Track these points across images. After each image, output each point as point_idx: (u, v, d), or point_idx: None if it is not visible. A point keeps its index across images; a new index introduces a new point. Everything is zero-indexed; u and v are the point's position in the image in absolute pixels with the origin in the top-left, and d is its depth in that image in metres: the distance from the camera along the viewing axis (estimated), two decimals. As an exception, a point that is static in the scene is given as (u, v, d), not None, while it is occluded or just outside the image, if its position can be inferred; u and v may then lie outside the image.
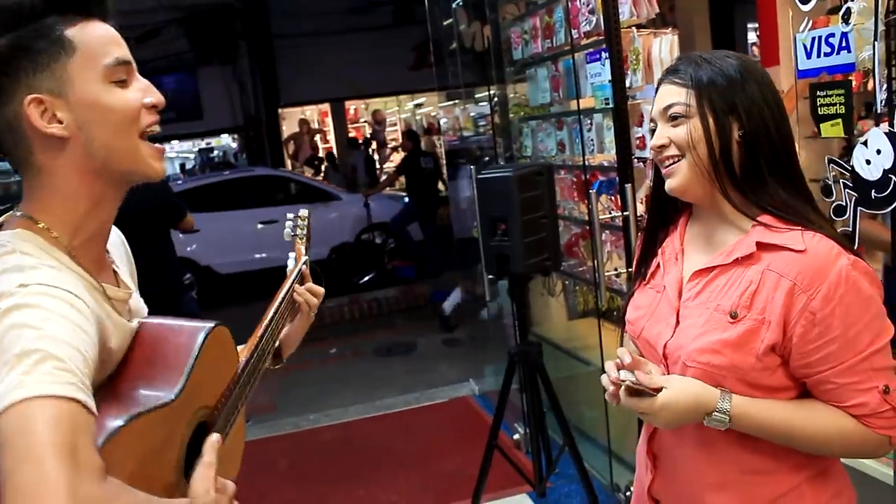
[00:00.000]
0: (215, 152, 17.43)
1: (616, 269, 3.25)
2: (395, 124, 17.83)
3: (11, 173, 1.12)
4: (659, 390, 1.34)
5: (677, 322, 1.43)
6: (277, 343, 1.56)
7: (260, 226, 9.44)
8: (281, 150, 14.38)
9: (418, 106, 18.26)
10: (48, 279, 0.97)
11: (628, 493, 3.33)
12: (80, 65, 1.06)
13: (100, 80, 1.07)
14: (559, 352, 4.17)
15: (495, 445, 3.22)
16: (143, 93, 1.12)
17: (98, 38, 1.08)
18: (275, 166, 12.97)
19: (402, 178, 9.78)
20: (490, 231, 3.03)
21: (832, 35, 2.06)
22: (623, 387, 1.36)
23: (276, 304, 1.53)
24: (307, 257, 1.76)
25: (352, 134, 16.98)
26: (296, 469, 4.43)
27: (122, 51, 1.11)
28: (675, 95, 1.39)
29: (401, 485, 4.05)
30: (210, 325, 1.16)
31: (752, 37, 5.71)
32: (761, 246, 1.34)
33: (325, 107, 16.17)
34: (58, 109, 1.05)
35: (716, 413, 1.33)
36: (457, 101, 5.96)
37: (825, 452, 1.39)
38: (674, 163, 1.40)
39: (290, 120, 15.38)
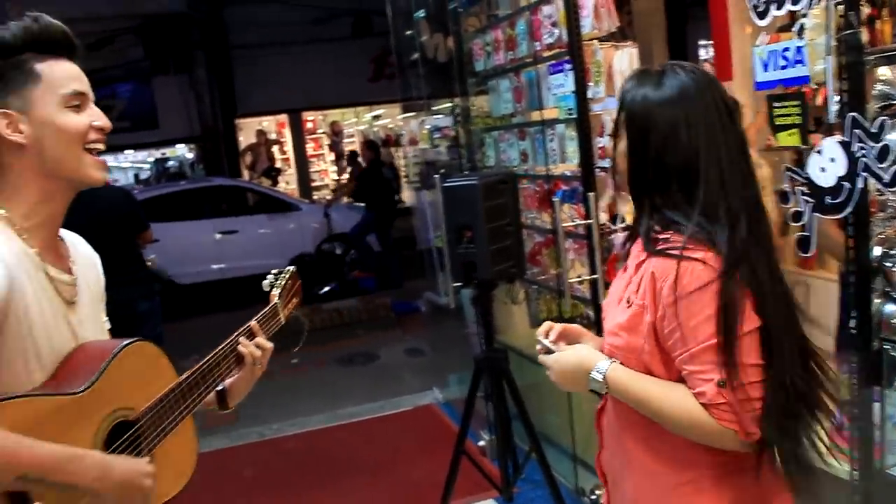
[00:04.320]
0: (171, 162, 17.18)
1: (580, 277, 3.32)
2: (352, 136, 17.81)
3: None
4: None
5: None
6: (221, 385, 1.67)
7: (219, 236, 9.37)
8: (238, 161, 14.28)
9: (376, 118, 18.26)
10: None
11: (593, 497, 3.39)
12: (42, 92, 1.37)
13: (57, 105, 1.38)
14: (523, 359, 4.22)
15: (463, 451, 3.25)
16: (92, 117, 1.42)
17: (61, 73, 1.39)
18: (231, 177, 12.87)
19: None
20: (456, 239, 3.08)
21: (787, 49, 2.16)
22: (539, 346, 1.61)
23: (227, 341, 1.65)
24: (277, 303, 1.87)
25: (310, 145, 16.93)
26: (261, 478, 4.41)
27: (80, 84, 1.41)
28: None
29: (366, 494, 4.05)
30: (129, 340, 1.41)
31: (702, 53, 5.82)
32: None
33: (283, 118, 16.11)
34: (21, 123, 1.36)
35: (593, 372, 1.49)
36: (418, 113, 6.01)
37: (684, 433, 1.43)
38: None
39: (248, 131, 15.29)
